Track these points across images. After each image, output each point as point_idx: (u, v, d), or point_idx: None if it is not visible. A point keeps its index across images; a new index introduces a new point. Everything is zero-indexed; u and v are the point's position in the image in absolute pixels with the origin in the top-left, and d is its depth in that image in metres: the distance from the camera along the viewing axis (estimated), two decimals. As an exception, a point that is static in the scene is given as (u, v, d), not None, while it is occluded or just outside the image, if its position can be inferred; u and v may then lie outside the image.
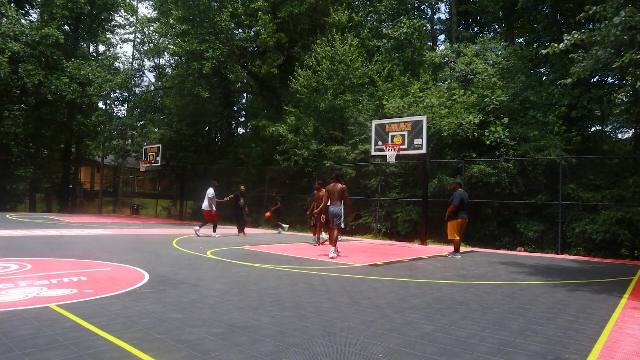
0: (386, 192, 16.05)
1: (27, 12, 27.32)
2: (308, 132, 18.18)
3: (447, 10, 32.37)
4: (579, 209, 12.54)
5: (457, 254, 9.58)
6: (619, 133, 16.68)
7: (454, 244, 9.68)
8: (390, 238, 15.13)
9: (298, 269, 6.89)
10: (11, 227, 12.77)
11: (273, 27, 20.08)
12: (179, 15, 19.90)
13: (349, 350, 3.03)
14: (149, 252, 8.38)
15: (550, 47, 7.45)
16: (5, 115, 22.84)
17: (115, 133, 26.51)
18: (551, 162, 12.82)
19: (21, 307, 3.86)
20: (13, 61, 22.18)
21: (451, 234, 9.67)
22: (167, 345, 3.00)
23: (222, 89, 24.19)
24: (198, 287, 5.07)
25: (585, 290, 5.86)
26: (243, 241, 11.53)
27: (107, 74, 24.69)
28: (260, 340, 3.17)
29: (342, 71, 17.98)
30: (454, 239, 9.63)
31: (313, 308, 4.25)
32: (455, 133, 14.34)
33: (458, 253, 9.63)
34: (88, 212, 30.41)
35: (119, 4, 28.92)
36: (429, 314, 4.16)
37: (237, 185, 15.59)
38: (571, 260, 10.22)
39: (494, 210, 13.82)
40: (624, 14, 6.64)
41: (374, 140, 12.90)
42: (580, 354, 3.12)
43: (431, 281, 6.17)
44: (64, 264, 6.36)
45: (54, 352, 2.78)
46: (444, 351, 3.07)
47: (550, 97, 13.91)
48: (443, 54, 20.31)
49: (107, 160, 35.01)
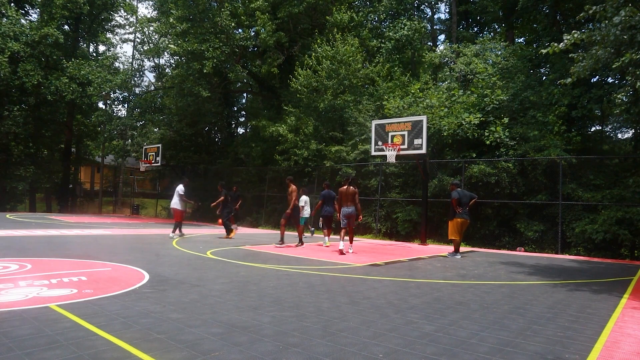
0: (386, 192, 16.05)
1: (27, 12, 27.33)
2: (308, 132, 18.17)
3: (447, 10, 32.40)
4: (579, 209, 12.54)
5: (457, 254, 9.59)
6: (619, 133, 16.68)
7: (454, 244, 9.70)
8: (390, 238, 15.12)
9: (298, 269, 6.89)
10: (11, 227, 12.76)
11: (272, 27, 20.08)
12: (178, 14, 19.89)
13: (349, 350, 3.03)
14: (149, 252, 8.38)
15: (550, 47, 7.45)
16: (5, 115, 22.83)
17: (115, 133, 26.50)
18: (551, 162, 12.82)
19: (21, 307, 3.86)
20: (13, 61, 22.18)
21: (452, 234, 9.67)
22: (167, 345, 3.00)
23: (222, 89, 24.19)
24: (198, 287, 5.07)
25: (585, 290, 5.86)
26: (243, 241, 11.53)
27: (107, 74, 24.69)
28: (260, 340, 3.17)
29: (342, 71, 17.98)
30: (455, 239, 9.65)
31: (313, 308, 4.25)
32: (455, 133, 14.35)
33: (458, 253, 9.64)
34: (88, 212, 30.41)
35: (118, 4, 28.91)
36: (429, 314, 4.16)
37: (236, 185, 15.49)
38: (571, 260, 10.22)
39: (494, 210, 13.82)
40: (624, 13, 6.63)
41: (374, 140, 12.90)
42: (580, 354, 3.12)
43: (431, 281, 6.17)
44: (64, 264, 6.36)
45: (54, 352, 2.78)
46: (444, 351, 3.07)
47: (550, 97, 13.91)
48: (443, 54, 20.31)
49: (107, 160, 35.01)
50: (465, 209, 9.54)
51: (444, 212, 14.96)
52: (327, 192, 10.94)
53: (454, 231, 9.61)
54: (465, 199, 9.60)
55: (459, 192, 9.63)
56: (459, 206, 9.47)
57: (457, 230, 9.58)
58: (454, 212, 9.55)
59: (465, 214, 9.54)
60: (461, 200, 9.51)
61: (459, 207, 9.45)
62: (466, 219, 9.55)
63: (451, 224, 9.68)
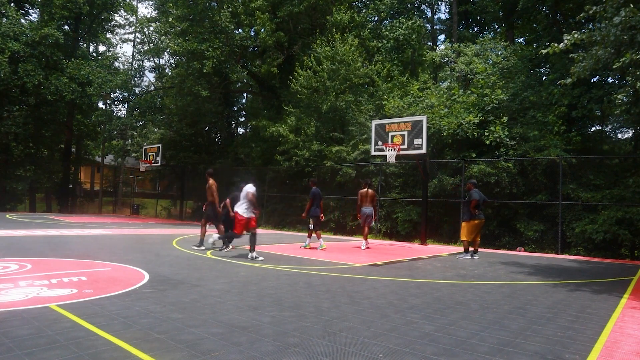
0: (386, 192, 16.05)
1: (27, 12, 27.32)
2: (309, 133, 18.17)
3: (447, 10, 32.41)
4: (578, 209, 12.54)
5: (468, 254, 9.42)
6: (619, 133, 16.66)
7: (465, 245, 9.52)
8: (390, 238, 15.12)
9: (298, 269, 6.89)
10: (11, 227, 12.76)
11: (272, 26, 20.08)
12: (178, 14, 19.89)
13: (349, 350, 3.03)
14: (149, 252, 8.38)
15: (550, 47, 7.44)
16: (5, 115, 22.83)
17: (115, 133, 26.51)
18: (551, 162, 12.81)
19: (21, 307, 3.86)
20: (13, 61, 22.18)
21: (467, 235, 9.38)
22: (167, 345, 3.00)
23: (222, 89, 24.18)
24: (198, 287, 5.07)
25: (585, 290, 5.86)
26: (243, 241, 11.52)
27: (107, 74, 24.69)
28: (260, 340, 3.17)
29: (343, 71, 17.98)
30: (465, 240, 9.47)
31: (313, 308, 4.25)
32: (455, 133, 14.34)
33: (468, 253, 9.48)
34: (88, 212, 30.41)
35: (118, 3, 28.91)
36: (429, 314, 4.16)
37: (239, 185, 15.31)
38: (571, 260, 10.21)
39: (494, 210, 13.82)
40: (624, 13, 6.63)
41: (374, 140, 12.90)
42: (580, 354, 3.12)
43: (431, 281, 6.17)
44: (64, 264, 6.36)
45: (54, 352, 2.78)
46: (444, 351, 3.07)
47: (550, 97, 13.90)
48: (443, 54, 20.31)
49: (107, 160, 35.01)
50: (480, 210, 9.36)
51: (444, 212, 14.96)
52: (317, 190, 10.28)
53: (469, 233, 9.36)
54: (481, 199, 9.37)
55: (477, 192, 9.37)
56: (477, 208, 9.22)
57: (473, 232, 9.37)
58: (470, 213, 9.28)
59: (482, 214, 9.38)
60: (479, 201, 9.24)
61: (476, 209, 9.20)
62: (482, 219, 9.37)
63: (467, 226, 9.37)
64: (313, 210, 10.22)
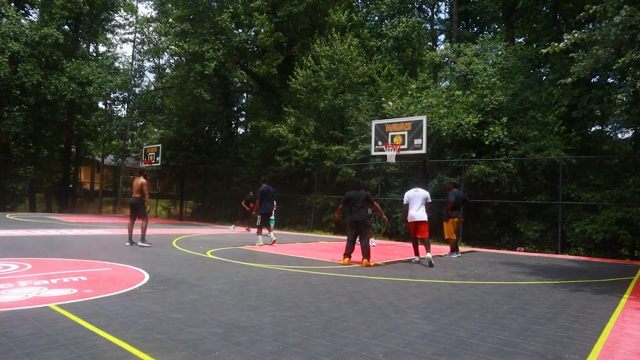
0: (386, 192, 16.05)
1: (27, 12, 27.33)
2: (309, 132, 18.17)
3: (447, 10, 32.40)
4: (579, 209, 12.54)
5: (454, 254, 9.60)
6: (619, 133, 16.66)
7: (451, 243, 9.74)
8: (390, 238, 15.12)
9: (298, 269, 6.89)
10: (11, 227, 12.76)
11: (271, 27, 20.06)
12: (178, 14, 19.86)
13: (349, 350, 3.03)
14: (149, 252, 8.39)
15: (550, 47, 7.44)
16: (5, 115, 22.83)
17: (115, 133, 26.51)
18: (551, 162, 12.81)
19: (21, 307, 3.86)
20: (13, 61, 22.18)
21: (451, 233, 9.69)
22: (167, 345, 3.00)
23: (222, 89, 24.17)
24: (198, 287, 5.07)
25: (585, 290, 5.86)
26: (243, 241, 11.53)
27: (107, 74, 24.68)
28: (260, 340, 3.16)
29: (342, 70, 17.97)
30: (451, 238, 9.67)
31: (313, 308, 4.25)
32: (454, 133, 14.34)
33: (455, 252, 9.64)
34: (88, 212, 30.42)
35: (118, 4, 28.91)
36: (429, 314, 4.15)
37: (242, 185, 15.30)
38: (571, 260, 10.21)
39: (494, 210, 13.82)
40: (624, 13, 6.62)
41: (374, 140, 12.90)
42: (580, 354, 3.12)
43: (431, 281, 6.17)
44: (64, 264, 6.35)
45: (54, 352, 2.78)
46: (444, 351, 3.07)
47: (550, 97, 13.90)
48: (443, 54, 20.30)
49: (107, 160, 35.02)
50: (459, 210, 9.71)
51: (443, 212, 14.94)
52: (266, 187, 10.57)
53: (451, 231, 9.65)
54: (459, 200, 9.72)
55: (455, 193, 9.68)
56: (454, 209, 9.55)
57: (455, 230, 9.66)
58: (448, 213, 9.64)
59: (460, 213, 9.79)
60: (457, 202, 9.59)
61: (453, 210, 9.54)
62: (461, 217, 9.80)
63: (448, 225, 9.72)
64: (262, 207, 10.55)
